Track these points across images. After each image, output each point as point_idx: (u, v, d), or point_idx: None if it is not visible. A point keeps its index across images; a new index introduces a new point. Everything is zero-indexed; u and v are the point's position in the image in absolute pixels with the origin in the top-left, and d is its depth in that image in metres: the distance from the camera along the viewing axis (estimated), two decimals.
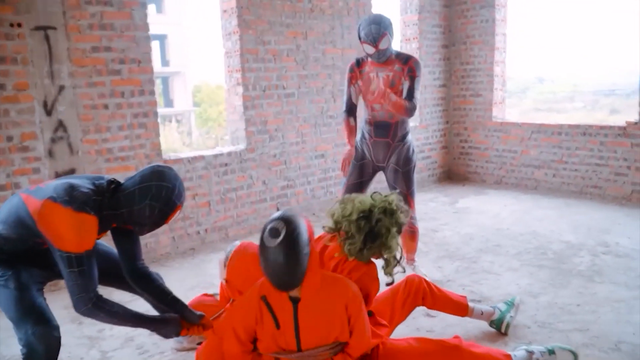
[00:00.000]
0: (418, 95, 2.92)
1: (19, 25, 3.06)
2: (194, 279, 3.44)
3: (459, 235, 4.07)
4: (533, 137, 5.43)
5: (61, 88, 3.24)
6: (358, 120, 3.16)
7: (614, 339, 2.43)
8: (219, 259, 2.15)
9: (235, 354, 1.93)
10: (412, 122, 5.77)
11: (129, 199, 1.82)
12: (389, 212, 2.05)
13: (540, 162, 5.40)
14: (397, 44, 5.89)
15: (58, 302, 3.12)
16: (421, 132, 5.80)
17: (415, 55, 5.68)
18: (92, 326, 2.73)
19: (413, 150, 3.09)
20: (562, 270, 3.27)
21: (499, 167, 5.77)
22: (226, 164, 4.18)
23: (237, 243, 2.15)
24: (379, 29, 2.79)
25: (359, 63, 3.04)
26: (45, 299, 1.94)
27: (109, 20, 3.41)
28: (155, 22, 3.31)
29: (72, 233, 1.71)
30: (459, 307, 2.47)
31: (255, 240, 1.88)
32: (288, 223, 1.75)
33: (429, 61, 5.78)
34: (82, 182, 1.83)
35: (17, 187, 3.16)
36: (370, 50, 2.86)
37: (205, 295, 2.41)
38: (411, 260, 3.18)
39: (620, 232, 3.96)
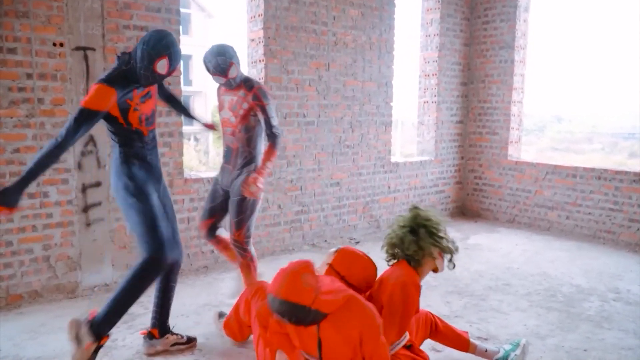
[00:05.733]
0: (275, 122, 2.91)
1: (61, 44, 3.26)
2: (207, 296, 3.51)
3: (468, 271, 4.09)
4: (547, 178, 5.46)
5: None
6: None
7: None
8: (328, 252, 2.57)
9: (276, 332, 2.29)
10: (428, 157, 5.86)
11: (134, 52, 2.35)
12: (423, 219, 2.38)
13: (554, 203, 5.42)
14: (415, 80, 6.03)
15: (80, 310, 3.22)
16: (436, 166, 5.87)
17: (434, 90, 5.81)
18: None
19: None
20: (570, 314, 3.27)
21: (512, 206, 5.79)
22: None
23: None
24: (225, 60, 2.83)
25: (219, 87, 3.09)
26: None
27: None
28: (181, 42, 3.42)
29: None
30: (461, 342, 2.54)
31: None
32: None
33: (447, 97, 5.89)
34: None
35: (45, 196, 3.30)
36: (222, 81, 2.90)
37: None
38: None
39: (632, 279, 3.94)
